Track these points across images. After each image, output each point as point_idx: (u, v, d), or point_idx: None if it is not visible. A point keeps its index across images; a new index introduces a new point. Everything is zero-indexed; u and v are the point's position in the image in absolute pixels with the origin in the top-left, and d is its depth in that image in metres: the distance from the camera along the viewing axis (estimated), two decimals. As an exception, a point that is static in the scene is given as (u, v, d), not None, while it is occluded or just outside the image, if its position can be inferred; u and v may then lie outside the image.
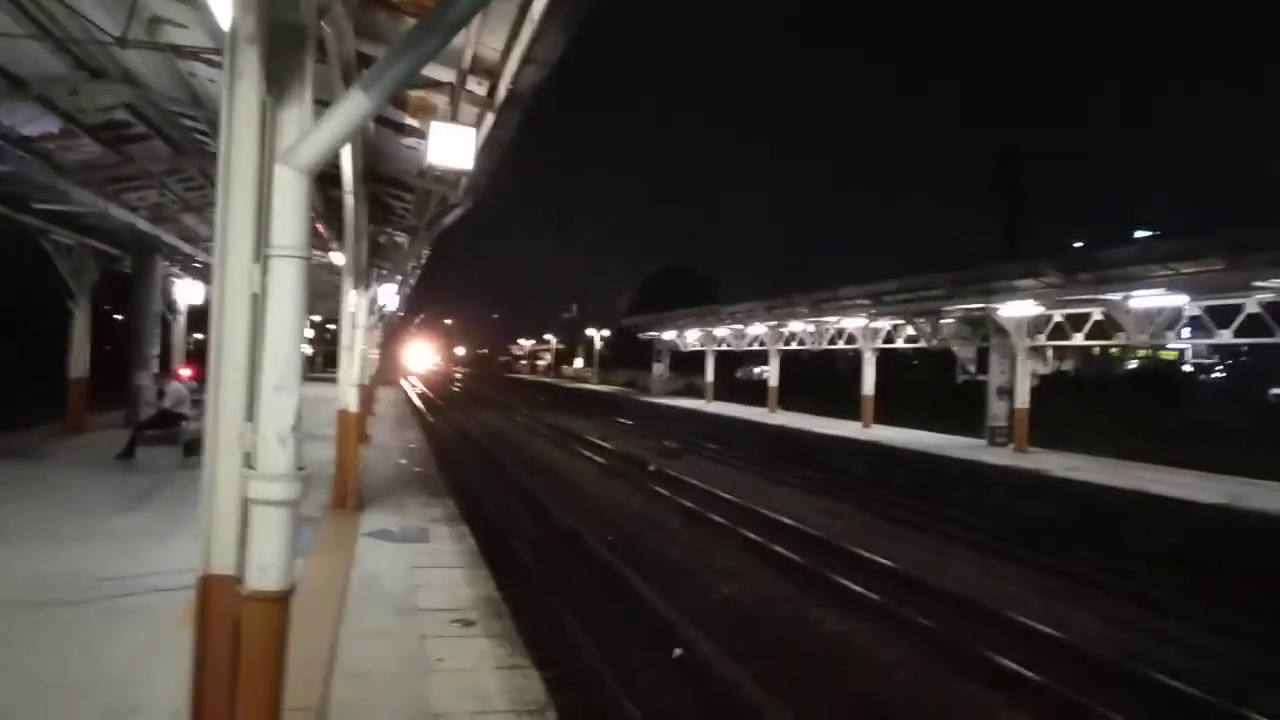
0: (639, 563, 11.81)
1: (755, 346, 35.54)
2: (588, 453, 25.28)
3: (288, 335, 2.88)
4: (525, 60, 5.84)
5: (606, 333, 69.06)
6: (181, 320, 23.05)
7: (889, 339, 26.31)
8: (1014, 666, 8.03)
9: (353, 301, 10.92)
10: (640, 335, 48.14)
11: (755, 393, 39.14)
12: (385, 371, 44.47)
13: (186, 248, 17.69)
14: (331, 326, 43.85)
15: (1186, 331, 17.94)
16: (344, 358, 11.06)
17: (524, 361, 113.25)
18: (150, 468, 11.93)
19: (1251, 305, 15.24)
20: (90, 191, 12.41)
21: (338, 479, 10.54)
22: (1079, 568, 12.33)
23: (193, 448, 11.85)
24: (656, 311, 46.15)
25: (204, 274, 20.88)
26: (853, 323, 26.76)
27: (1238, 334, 15.93)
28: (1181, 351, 54.28)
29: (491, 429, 32.98)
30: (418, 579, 7.64)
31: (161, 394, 13.80)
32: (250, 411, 2.88)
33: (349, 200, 9.30)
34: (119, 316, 23.69)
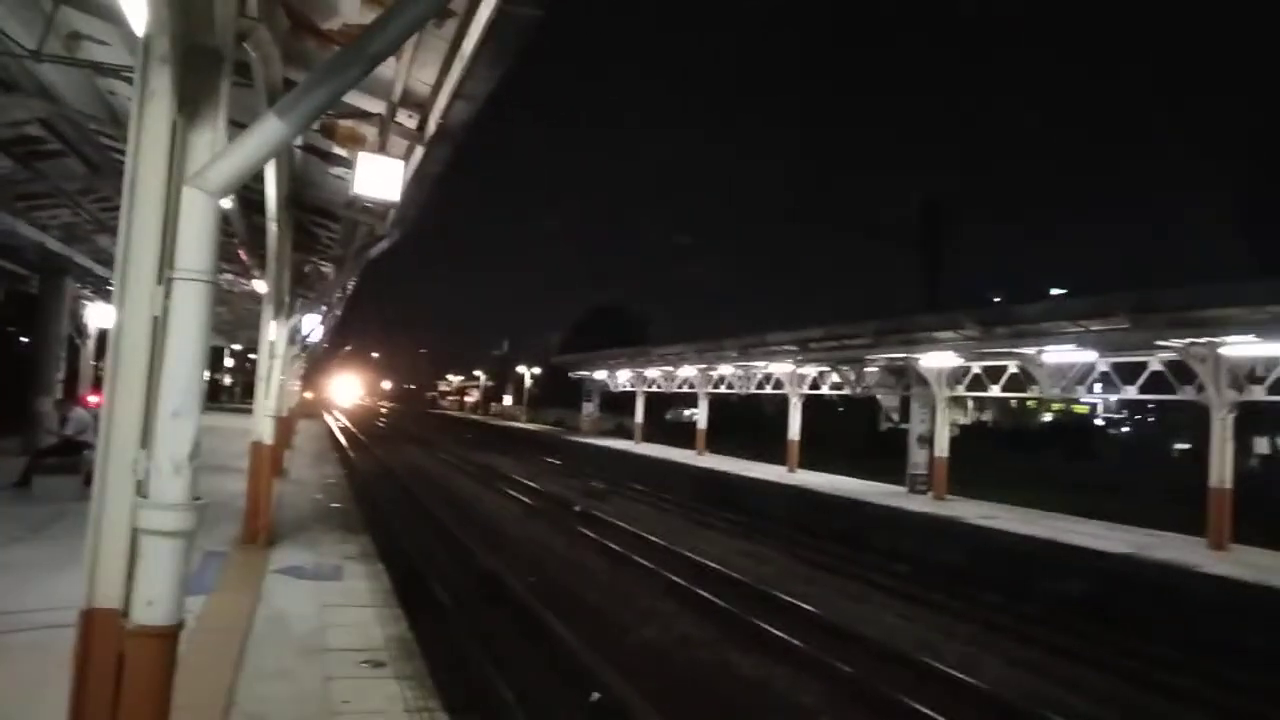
0: (559, 605, 11.64)
1: (685, 389, 35.78)
2: (513, 492, 24.96)
3: (189, 360, 2.79)
4: (456, 95, 5.86)
5: (537, 371, 68.73)
6: (90, 344, 22.15)
7: (815, 385, 26.77)
8: (928, 711, 8.12)
9: (272, 330, 10.66)
10: (571, 374, 48.03)
11: (684, 434, 39.33)
12: (307, 404, 43.39)
13: (99, 269, 17.06)
14: (253, 356, 42.65)
15: (1099, 386, 18.69)
16: (260, 388, 10.77)
17: (452, 398, 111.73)
18: (47, 497, 11.33)
19: (1155, 363, 15.99)
20: (-3, 207, 11.93)
21: (248, 513, 10.18)
22: (990, 613, 12.59)
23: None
24: (588, 351, 46.17)
25: (118, 298, 20.12)
26: (780, 368, 27.18)
27: (1142, 390, 16.67)
28: (1093, 406, 56.67)
29: (415, 466, 32.33)
30: (327, 617, 7.38)
31: (64, 420, 13.20)
32: (145, 438, 2.77)
33: (272, 227, 9.12)
34: (24, 339, 22.64)
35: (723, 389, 32.38)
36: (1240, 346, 13.54)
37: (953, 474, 21.11)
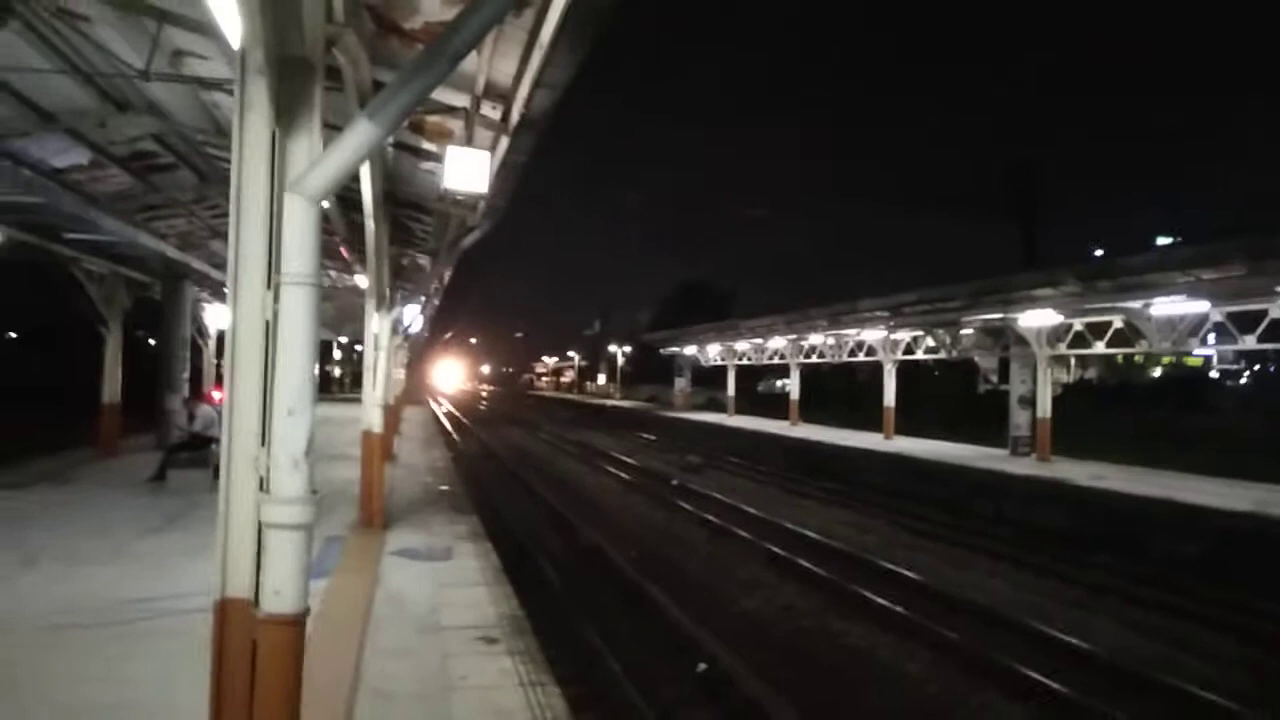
0: (662, 577, 11.83)
1: (775, 360, 35.50)
2: (611, 468, 25.33)
3: (299, 360, 2.97)
4: (536, 84, 5.96)
5: (628, 349, 69.24)
6: (211, 344, 23.45)
7: (909, 350, 26.18)
8: (1036, 676, 7.96)
9: (376, 323, 11.08)
10: (661, 351, 48.24)
11: (777, 406, 39.07)
12: (412, 391, 44.87)
13: (215, 274, 18.03)
14: (359, 348, 44.33)
15: (1213, 337, 17.71)
16: (368, 378, 11.23)
17: (548, 379, 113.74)
18: (181, 490, 12.13)
19: (1276, 310, 15.03)
20: (120, 220, 12.70)
21: (363, 498, 10.68)
22: (1101, 576, 12.19)
23: (220, 470, 12.02)
24: (676, 327, 46.24)
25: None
26: (872, 334, 26.67)
27: (1261, 339, 15.72)
28: (1207, 358, 53.56)
29: (516, 446, 33.12)
30: (442, 597, 7.71)
31: (191, 417, 14.03)
32: (264, 436, 2.97)
33: (370, 224, 9.46)
34: (152, 341, 24.15)
35: (814, 359, 32.00)
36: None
37: (1057, 435, 20.39)
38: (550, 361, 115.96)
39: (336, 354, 55.72)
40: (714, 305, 62.90)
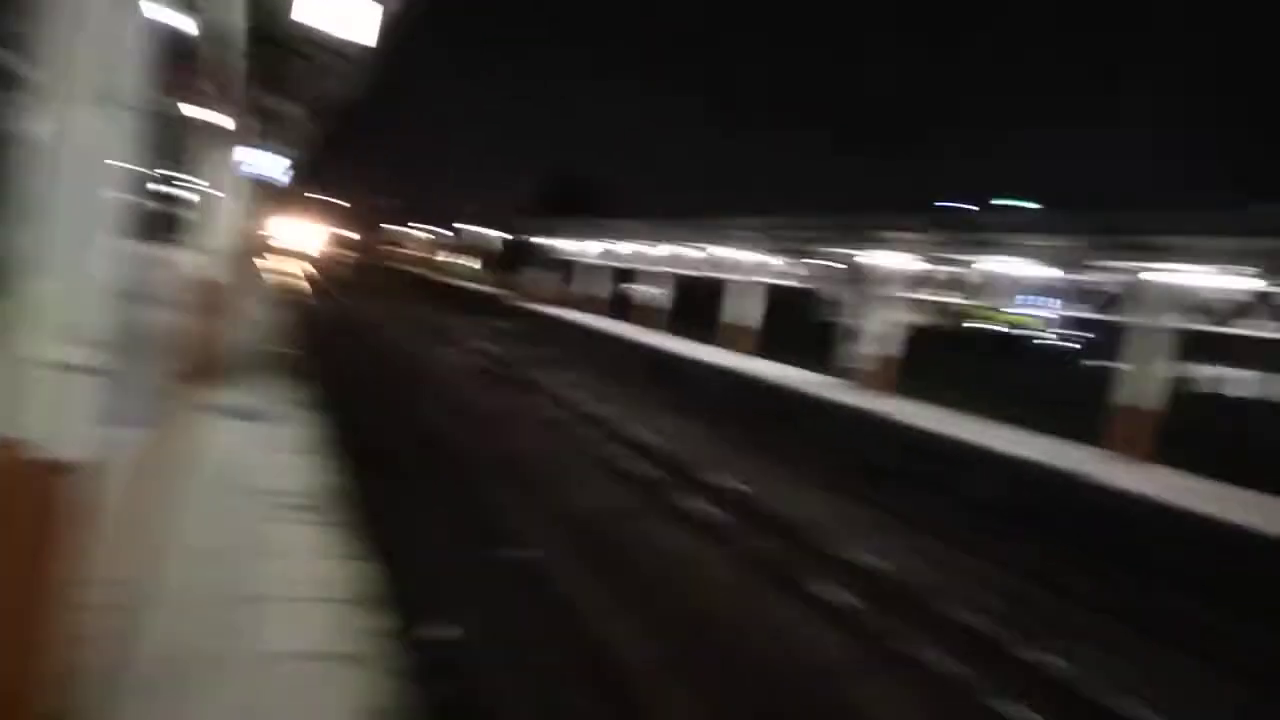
0: (494, 465, 11.95)
1: (648, 266, 35.65)
2: (465, 353, 25.07)
3: (105, 188, 2.71)
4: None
5: (505, 235, 67.81)
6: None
7: (776, 274, 26.85)
8: (832, 589, 8.64)
9: (230, 168, 10.33)
10: (536, 241, 47.44)
11: (643, 311, 39.41)
12: (266, 246, 42.46)
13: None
14: (215, 191, 41.26)
15: (1050, 300, 18.99)
16: (213, 226, 10.52)
17: (421, 255, 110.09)
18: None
19: (1107, 283, 16.24)
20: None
21: (192, 350, 10.12)
22: (904, 505, 13.21)
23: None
24: (555, 218, 45.52)
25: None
26: (744, 255, 27.15)
27: (1093, 309, 16.98)
28: (1039, 319, 57.80)
29: (372, 319, 32.19)
30: (264, 460, 7.51)
31: None
32: (59, 268, 2.72)
33: (236, 61, 8.69)
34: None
35: (685, 270, 32.33)
36: (1186, 275, 13.81)
37: (894, 372, 21.56)
38: (423, 236, 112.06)
39: (185, 194, 51.76)
40: (596, 200, 62.11)
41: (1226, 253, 12.90)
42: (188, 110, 17.36)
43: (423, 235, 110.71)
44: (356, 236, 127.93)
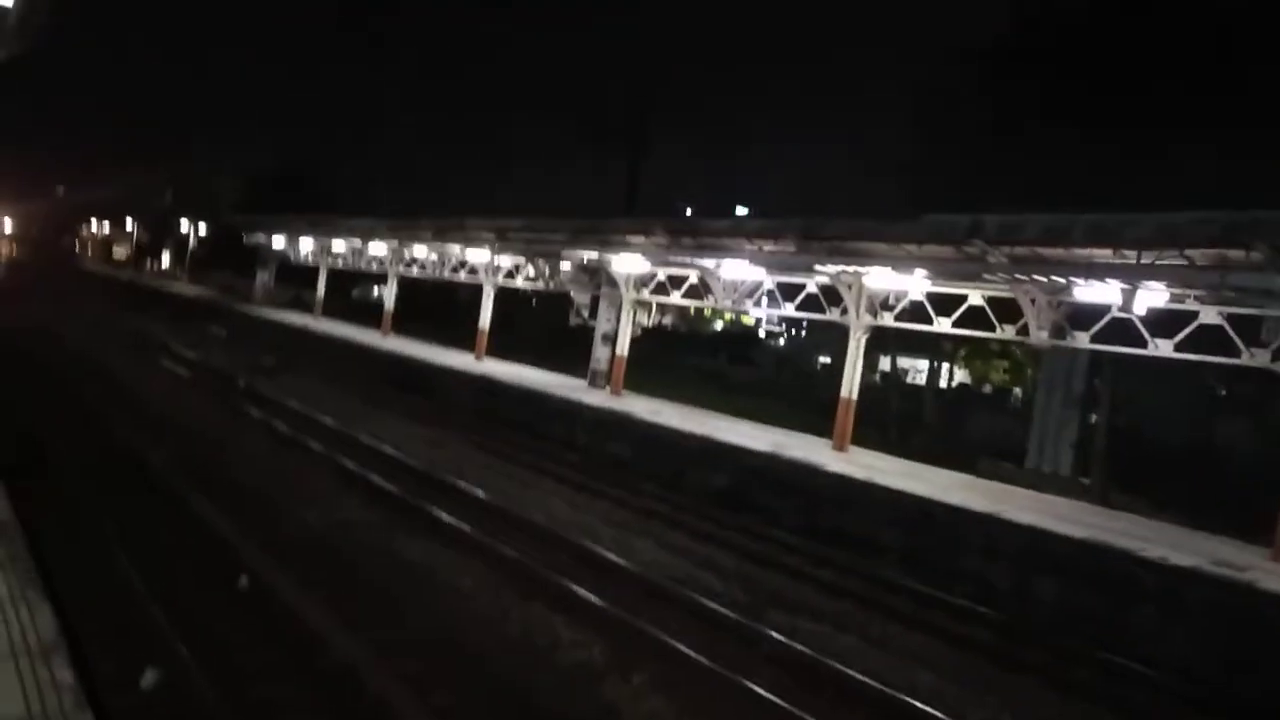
0: (213, 488, 10.71)
1: (374, 267, 34.02)
2: (169, 364, 22.48)
3: None
4: None
5: (204, 230, 61.58)
6: None
7: (510, 275, 26.64)
8: (580, 591, 8.59)
9: None
10: (245, 237, 43.54)
11: (371, 314, 37.57)
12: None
13: None
14: None
15: (765, 301, 20.43)
16: None
17: (95, 250, 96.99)
18: None
19: (812, 285, 17.77)
20: None
21: None
22: (646, 501, 13.61)
23: None
24: (266, 213, 42.14)
25: None
26: (477, 255, 26.64)
27: (799, 308, 18.52)
28: (758, 319, 62.61)
29: (51, 330, 27.73)
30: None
31: None
32: None
33: None
34: None
35: (415, 271, 31.19)
36: (879, 278, 15.41)
37: (631, 372, 22.24)
38: (101, 230, 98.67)
39: None
40: (313, 196, 58.15)
41: (905, 258, 14.54)
42: None
43: (108, 229, 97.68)
44: (24, 230, 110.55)
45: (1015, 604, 10.38)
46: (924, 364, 32.32)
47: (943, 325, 15.78)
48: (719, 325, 64.94)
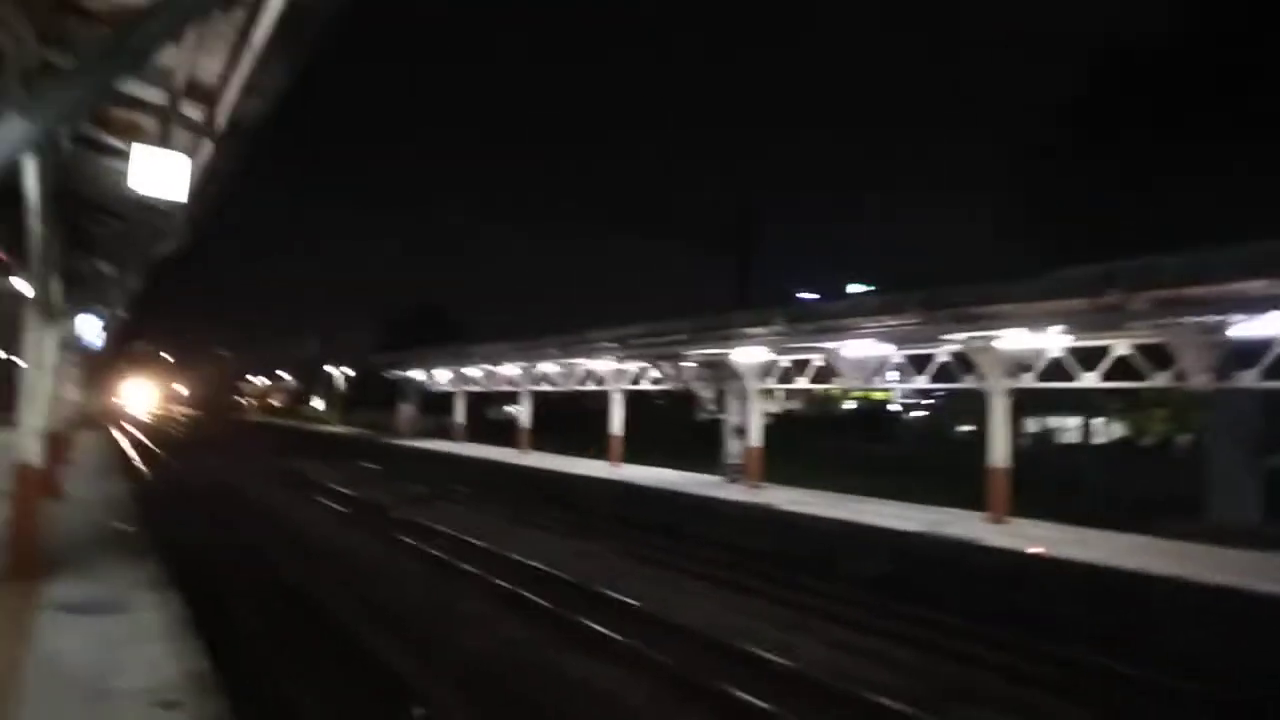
0: (377, 616, 11.19)
1: (506, 388, 35.39)
2: (326, 500, 23.77)
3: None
4: (248, 89, 5.43)
5: (350, 372, 65.80)
6: None
7: (635, 380, 27.19)
8: (747, 698, 8.42)
9: (41, 338, 9.54)
10: (387, 375, 46.31)
11: (507, 433, 38.89)
12: (89, 414, 39.43)
13: None
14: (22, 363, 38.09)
15: (894, 375, 20.06)
16: (26, 403, 9.61)
17: (256, 402, 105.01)
18: None
19: (942, 354, 17.37)
20: None
21: (13, 544, 9.07)
22: (800, 595, 13.26)
23: None
24: (405, 350, 44.71)
25: None
26: (601, 364, 27.40)
27: (932, 379, 18.08)
28: (890, 392, 61.08)
29: (216, 478, 30.03)
30: (113, 657, 6.68)
31: None
32: None
33: (34, 224, 8.13)
34: None
35: (544, 386, 32.27)
36: (1012, 339, 14.94)
37: (765, 462, 22.05)
38: (260, 383, 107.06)
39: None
40: (443, 330, 61.53)
41: (1037, 316, 14.05)
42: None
43: (265, 382, 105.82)
44: (196, 391, 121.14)
45: (1219, 670, 9.47)
46: (1074, 421, 30.64)
47: (1088, 380, 15.07)
48: (850, 404, 63.67)
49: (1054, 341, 14.99)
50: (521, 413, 34.59)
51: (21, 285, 11.66)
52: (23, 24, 4.70)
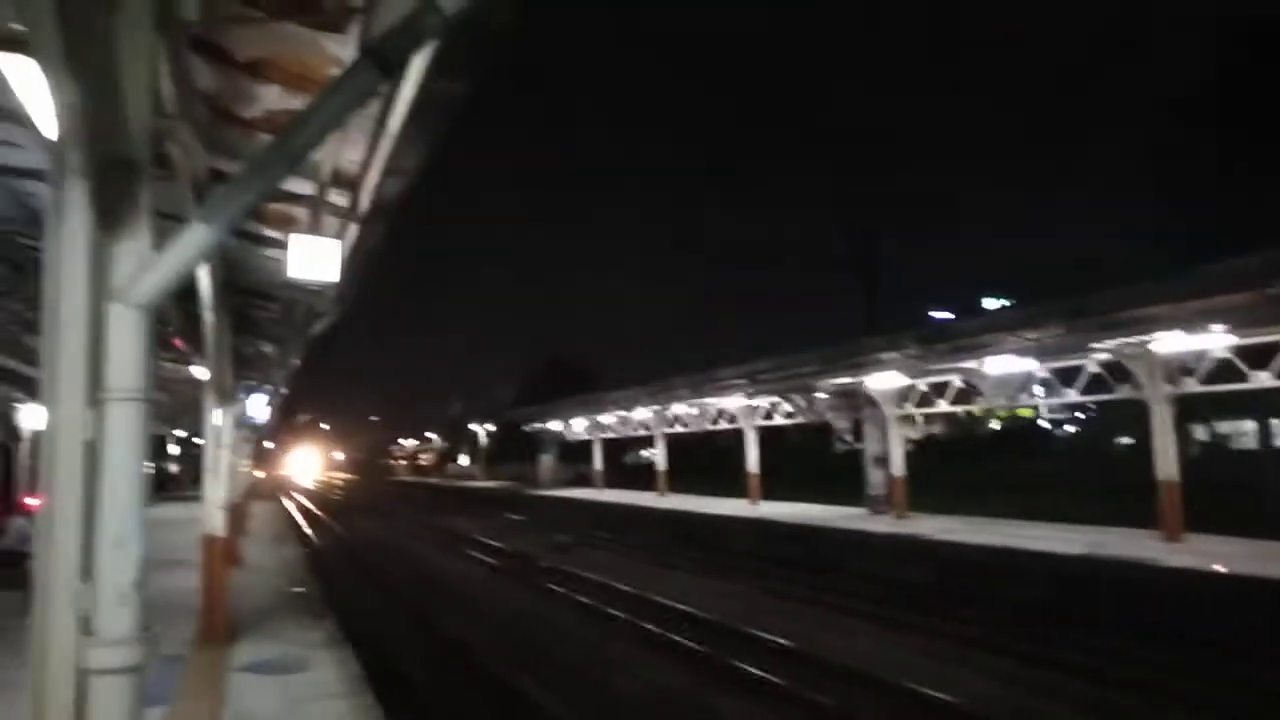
0: (532, 665, 11.43)
1: (640, 432, 35.75)
2: (476, 553, 24.54)
3: (127, 484, 2.69)
4: (386, 172, 5.86)
5: (491, 427, 68.03)
6: (24, 447, 21.35)
7: (768, 415, 26.95)
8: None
9: (217, 418, 10.40)
10: (525, 428, 47.67)
11: (644, 476, 39.21)
12: (259, 485, 42.29)
13: (27, 370, 16.49)
14: (199, 441, 41.37)
15: (1040, 391, 19.13)
16: (208, 478, 10.47)
17: (406, 462, 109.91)
18: (-13, 616, 10.80)
19: (1091, 365, 16.45)
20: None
21: (204, 610, 9.84)
22: (959, 627, 12.69)
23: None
24: (540, 403, 45.96)
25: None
26: (732, 402, 27.32)
27: (1082, 391, 17.12)
28: (1036, 409, 57.99)
29: (375, 538, 31.57)
30: (298, 714, 7.14)
31: (2, 531, 12.64)
32: (86, 570, 2.65)
33: (208, 315, 8.93)
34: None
35: (678, 428, 32.42)
36: (1168, 342, 14.01)
37: (909, 490, 21.33)
38: (408, 445, 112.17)
39: (173, 448, 51.82)
40: (577, 380, 62.96)
41: (1193, 315, 13.13)
42: (164, 367, 17.77)
43: (413, 444, 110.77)
44: (351, 456, 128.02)
45: None
46: (1249, 425, 28.24)
47: (1261, 379, 13.93)
48: (994, 424, 60.81)
49: (1216, 341, 13.96)
50: (657, 456, 34.83)
51: (198, 371, 12.78)
52: (192, 141, 5.26)
